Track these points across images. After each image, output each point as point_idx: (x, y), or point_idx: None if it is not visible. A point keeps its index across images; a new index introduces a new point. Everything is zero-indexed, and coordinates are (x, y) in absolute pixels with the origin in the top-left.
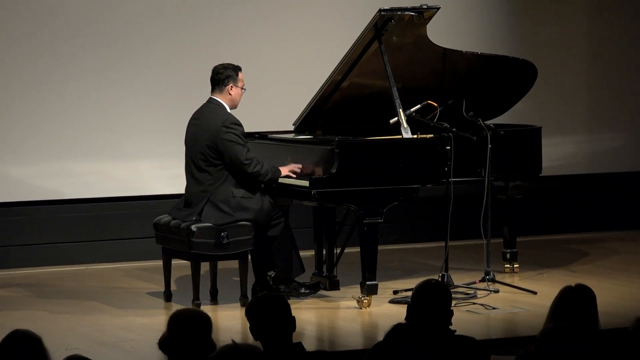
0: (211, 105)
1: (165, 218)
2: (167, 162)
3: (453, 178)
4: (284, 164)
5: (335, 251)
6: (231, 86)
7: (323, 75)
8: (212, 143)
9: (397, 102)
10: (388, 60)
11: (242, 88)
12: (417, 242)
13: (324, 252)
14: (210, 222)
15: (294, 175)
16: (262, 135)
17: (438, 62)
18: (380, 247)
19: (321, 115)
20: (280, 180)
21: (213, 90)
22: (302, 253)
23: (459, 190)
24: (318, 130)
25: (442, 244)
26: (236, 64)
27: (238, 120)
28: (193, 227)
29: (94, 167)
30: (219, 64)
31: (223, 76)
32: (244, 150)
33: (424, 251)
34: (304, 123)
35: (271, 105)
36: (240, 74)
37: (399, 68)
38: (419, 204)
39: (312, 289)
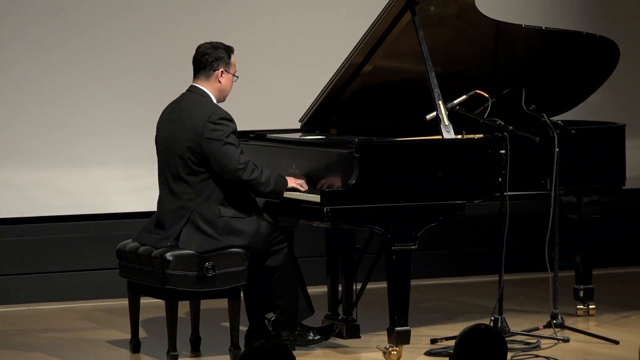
0: (194, 95)
1: (131, 244)
2: (134, 170)
3: (509, 192)
4: (289, 174)
5: (354, 287)
6: (222, 71)
7: (338, 56)
8: (195, 144)
9: (436, 91)
10: (424, 37)
11: (234, 75)
12: (461, 276)
13: (340, 288)
14: (191, 249)
15: (303, 189)
16: (259, 135)
17: (490, 40)
18: (413, 282)
19: (336, 108)
20: (285, 194)
21: (197, 76)
22: (311, 289)
23: (517, 208)
24: (332, 129)
25: (495, 277)
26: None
27: (229, 115)
28: (168, 256)
29: (37, 176)
30: (206, 42)
31: (212, 58)
32: (236, 152)
33: (470, 287)
34: (314, 119)
35: (270, 96)
36: (232, 57)
37: (438, 47)
38: (465, 226)
39: (324, 336)
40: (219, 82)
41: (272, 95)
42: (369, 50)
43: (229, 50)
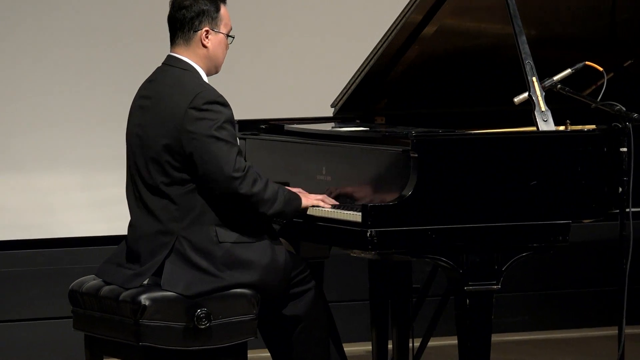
0: (173, 70)
1: (91, 282)
2: (94, 177)
3: (633, 207)
4: (317, 181)
5: (412, 344)
6: (206, 31)
7: (387, 14)
8: (174, 140)
9: (528, 63)
10: None
11: (227, 35)
12: (563, 328)
13: (391, 344)
14: (177, 290)
15: (328, 206)
16: (274, 126)
17: None
18: (495, 337)
19: (384, 88)
20: (310, 211)
21: (174, 42)
22: (348, 348)
23: None
24: (379, 117)
25: (613, 331)
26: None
27: (221, 97)
28: (143, 299)
29: None
30: None
31: (191, 13)
32: (231, 153)
33: (577, 344)
34: (353, 103)
35: (290, 72)
36: (223, 8)
37: (531, 1)
38: (568, 257)
39: None
40: (205, 46)
41: (292, 71)
42: (432, 4)
43: (216, 0)
